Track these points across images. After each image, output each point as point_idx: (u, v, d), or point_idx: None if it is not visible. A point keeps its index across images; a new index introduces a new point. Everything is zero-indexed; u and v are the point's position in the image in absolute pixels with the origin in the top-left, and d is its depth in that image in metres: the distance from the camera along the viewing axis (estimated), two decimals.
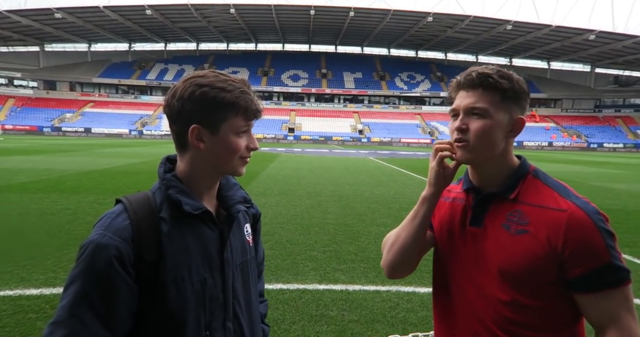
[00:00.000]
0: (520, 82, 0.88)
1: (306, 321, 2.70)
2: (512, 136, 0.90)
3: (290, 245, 4.56)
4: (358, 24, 52.19)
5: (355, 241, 4.80)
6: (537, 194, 0.86)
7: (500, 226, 0.87)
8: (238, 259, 0.91)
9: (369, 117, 56.28)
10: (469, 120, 0.87)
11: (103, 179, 9.74)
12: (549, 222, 0.81)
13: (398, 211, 6.78)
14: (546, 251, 0.80)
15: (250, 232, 0.98)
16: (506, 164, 0.91)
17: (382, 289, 3.33)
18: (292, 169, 13.57)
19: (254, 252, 0.99)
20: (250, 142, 0.87)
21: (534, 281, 0.82)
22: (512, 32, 49.36)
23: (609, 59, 56.35)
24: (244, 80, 0.86)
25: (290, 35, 61.41)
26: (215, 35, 60.24)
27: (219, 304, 0.85)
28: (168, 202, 0.83)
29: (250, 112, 0.85)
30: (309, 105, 59.03)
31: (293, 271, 3.71)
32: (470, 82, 0.88)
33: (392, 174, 13.16)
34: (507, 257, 0.84)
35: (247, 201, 0.99)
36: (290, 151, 26.45)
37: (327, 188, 9.23)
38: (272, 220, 5.80)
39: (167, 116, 0.84)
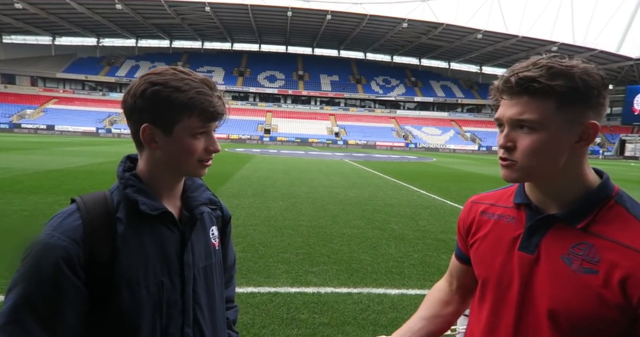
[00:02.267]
0: (585, 76, 0.67)
1: (276, 325, 2.66)
2: (581, 146, 0.70)
3: (263, 247, 4.50)
4: (335, 27, 52.65)
5: (329, 243, 4.80)
6: (618, 227, 0.68)
7: (559, 257, 0.71)
8: (201, 262, 0.87)
9: (345, 119, 56.77)
10: (516, 136, 0.70)
11: (65, 178, 9.25)
12: (629, 266, 0.64)
13: (371, 212, 6.84)
14: (617, 299, 0.64)
15: (217, 235, 0.94)
16: (577, 182, 0.73)
17: (353, 291, 3.33)
18: (267, 171, 13.44)
19: (219, 255, 0.95)
20: (210, 144, 0.83)
21: (595, 331, 0.67)
22: (482, 41, 51.39)
23: None
24: (206, 80, 0.82)
25: (267, 36, 61.05)
26: (190, 33, 58.94)
27: (177, 309, 0.81)
28: (125, 202, 0.80)
29: (208, 114, 0.80)
30: (286, 107, 58.82)
31: (265, 273, 3.66)
32: (510, 89, 0.70)
33: (367, 176, 13.30)
34: (563, 298, 0.69)
35: (213, 203, 0.95)
36: (265, 152, 26.22)
37: (301, 190, 9.20)
38: (245, 222, 5.70)
39: (124, 113, 0.82)
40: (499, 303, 0.79)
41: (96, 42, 59.94)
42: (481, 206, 0.90)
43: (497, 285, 0.79)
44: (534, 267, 0.74)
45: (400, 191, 9.83)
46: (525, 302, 0.74)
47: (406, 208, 7.47)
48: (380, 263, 4.10)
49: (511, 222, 0.80)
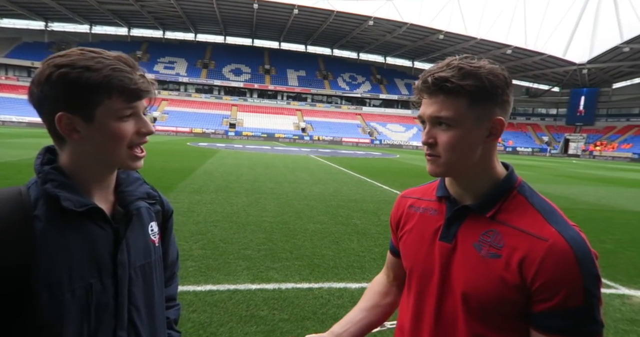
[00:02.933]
0: (492, 76, 0.73)
1: (235, 323, 2.61)
2: (491, 141, 0.77)
3: (224, 244, 4.40)
4: (302, 22, 52.30)
5: (292, 239, 4.79)
6: (518, 215, 0.75)
7: (472, 245, 0.77)
8: (138, 261, 0.82)
9: (312, 115, 56.77)
10: (436, 133, 0.76)
11: (6, 172, 8.51)
12: (526, 249, 0.70)
13: (335, 208, 6.91)
14: (515, 280, 0.70)
15: (156, 231, 0.89)
16: (487, 174, 0.79)
17: (314, 287, 3.35)
18: (231, 166, 13.15)
19: (159, 252, 0.90)
20: (141, 126, 0.76)
21: (499, 311, 0.73)
22: (444, 42, 53.26)
23: (521, 72, 63.57)
24: (121, 56, 0.74)
25: (233, 27, 59.46)
26: (150, 21, 56.05)
27: (109, 312, 0.76)
28: (45, 198, 0.72)
29: (130, 92, 0.72)
30: (252, 101, 57.79)
31: (225, 270, 3.58)
32: (429, 89, 0.75)
33: (332, 172, 13.41)
34: (474, 282, 0.75)
35: (152, 197, 0.90)
36: (230, 147, 25.64)
37: (266, 185, 9.10)
38: (206, 218, 5.55)
39: (33, 107, 0.73)
40: (423, 291, 0.84)
41: (44, 27, 55.41)
42: (409, 200, 0.95)
43: (421, 274, 0.85)
44: (452, 255, 0.80)
45: (364, 187, 10.00)
46: (444, 289, 0.80)
47: (369, 203, 7.61)
48: (342, 258, 4.16)
49: (434, 215, 0.86)
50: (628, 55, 51.12)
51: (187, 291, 3.07)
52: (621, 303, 3.39)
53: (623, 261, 4.66)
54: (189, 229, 4.93)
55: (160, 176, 9.50)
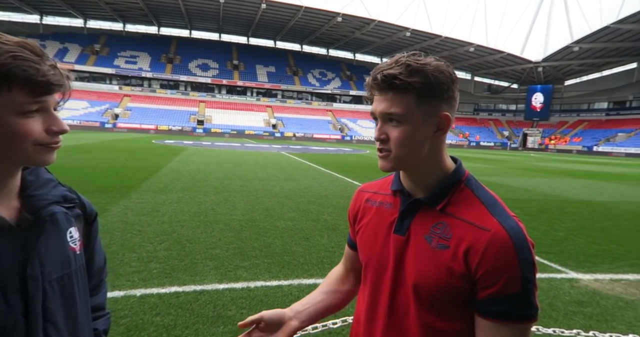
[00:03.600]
0: (438, 73, 0.75)
1: (201, 324, 2.54)
2: (438, 136, 0.79)
3: (190, 244, 4.27)
4: (270, 17, 51.62)
5: (262, 237, 4.73)
6: (465, 207, 0.79)
7: (423, 237, 0.80)
8: (54, 272, 0.73)
9: (283, 112, 56.35)
10: (387, 128, 0.78)
11: None
12: (471, 240, 0.74)
13: (306, 204, 6.90)
14: (461, 268, 0.74)
15: (77, 238, 0.80)
16: (436, 169, 0.82)
17: (284, 284, 3.33)
18: (199, 164, 12.80)
19: (82, 260, 0.82)
20: (52, 124, 0.67)
21: (447, 300, 0.77)
22: (410, 39, 54.43)
23: (483, 69, 66.38)
24: (27, 42, 0.64)
25: (198, 21, 57.70)
26: (108, 13, 53.23)
27: (18, 333, 0.68)
28: None
29: (37, 84, 0.63)
30: (220, 97, 56.46)
31: (191, 271, 3.48)
32: (379, 86, 0.77)
33: (303, 168, 13.38)
34: (424, 272, 0.78)
35: (70, 200, 0.80)
36: (198, 145, 24.95)
37: (235, 183, 8.93)
38: (172, 218, 5.37)
39: None
40: (378, 283, 0.86)
41: None
42: (366, 194, 0.97)
43: (376, 266, 0.87)
44: (405, 247, 0.82)
45: (335, 183, 10.06)
46: (398, 280, 0.82)
47: (340, 199, 7.66)
48: (312, 254, 4.16)
49: (389, 208, 0.88)
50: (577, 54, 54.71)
51: (151, 294, 2.95)
52: (570, 287, 3.62)
53: (573, 247, 4.99)
54: (154, 229, 4.75)
55: (123, 175, 9.09)
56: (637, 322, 2.92)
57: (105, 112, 46.54)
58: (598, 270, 4.12)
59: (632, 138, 49.70)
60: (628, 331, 2.68)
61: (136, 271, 3.40)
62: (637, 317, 3.01)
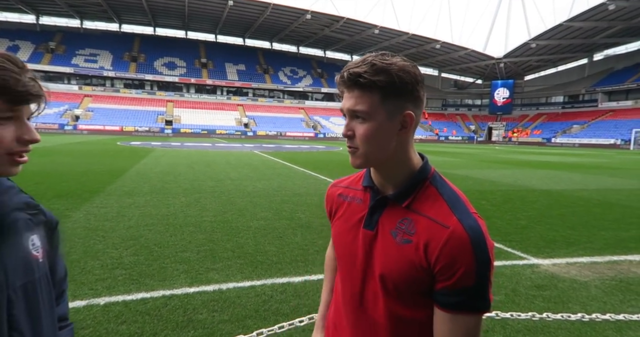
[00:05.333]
0: (402, 73, 0.77)
1: (170, 330, 2.46)
2: (404, 133, 0.82)
3: (159, 248, 4.13)
4: (238, 14, 50.71)
5: (234, 238, 4.64)
6: (429, 204, 0.83)
7: (389, 232, 0.84)
8: (18, 280, 0.73)
9: (254, 110, 55.64)
10: (354, 125, 0.81)
11: None
12: (432, 235, 0.79)
13: (279, 203, 6.84)
14: (422, 262, 0.79)
15: (39, 245, 0.80)
16: (404, 165, 0.85)
17: (257, 284, 3.28)
18: (167, 165, 12.40)
19: (45, 268, 0.81)
20: (23, 133, 0.68)
21: (410, 290, 0.81)
22: (379, 36, 55.22)
23: (450, 65, 68.48)
24: (9, 55, 0.67)
25: (163, 18, 55.75)
26: (63, 8, 50.35)
27: None
28: None
29: (14, 94, 0.65)
30: (189, 97, 54.96)
31: (159, 276, 3.36)
32: (345, 83, 0.80)
33: (276, 167, 13.28)
34: (389, 265, 0.82)
35: (32, 207, 0.81)
36: (167, 145, 24.15)
37: (206, 184, 8.72)
38: (139, 222, 5.16)
39: None
40: (349, 275, 0.91)
41: None
42: (338, 189, 1.02)
43: (348, 259, 0.91)
44: (374, 241, 0.86)
45: (308, 180, 10.05)
46: (367, 272, 0.87)
47: (313, 197, 7.66)
48: (286, 253, 4.13)
49: (360, 204, 0.92)
50: (535, 50, 57.62)
51: (116, 302, 2.82)
52: (531, 272, 3.80)
53: (534, 234, 5.25)
54: (119, 234, 4.55)
55: (84, 179, 8.65)
56: (590, 302, 3.11)
57: (64, 113, 44.08)
58: (556, 255, 4.35)
59: (586, 130, 53.05)
60: (582, 311, 2.85)
61: (100, 278, 3.24)
62: (590, 297, 3.20)
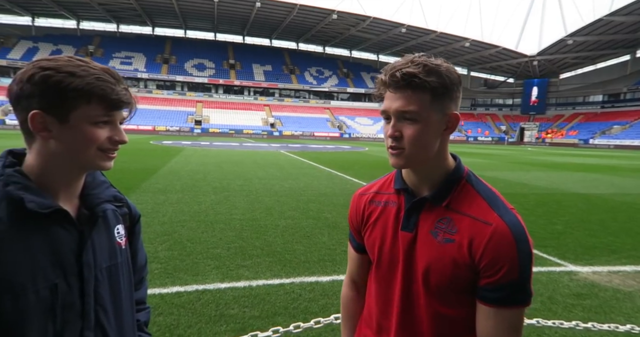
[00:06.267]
0: (449, 74, 0.80)
1: (204, 323, 2.55)
2: (447, 134, 0.84)
3: (191, 244, 4.27)
4: (265, 15, 51.43)
5: (262, 236, 4.73)
6: (467, 202, 0.84)
7: (429, 232, 0.85)
8: (104, 262, 0.83)
9: (280, 110, 56.26)
10: (402, 126, 0.81)
11: None
12: (475, 233, 0.80)
13: (306, 203, 6.90)
14: (466, 260, 0.80)
15: (123, 234, 0.91)
16: (441, 166, 0.87)
17: (286, 282, 3.33)
18: (197, 164, 12.78)
19: (126, 255, 0.91)
20: (115, 134, 0.79)
21: (452, 288, 0.83)
22: (406, 35, 54.34)
23: (479, 64, 66.35)
24: (108, 69, 0.78)
25: (193, 21, 57.44)
26: (101, 13, 52.92)
27: (75, 312, 0.77)
28: (8, 201, 0.73)
29: (110, 101, 0.76)
30: (217, 97, 56.33)
31: (193, 271, 3.48)
32: (396, 84, 0.79)
33: (302, 167, 13.38)
34: (431, 265, 0.83)
35: (119, 200, 0.92)
36: (196, 145, 24.89)
37: (235, 183, 8.93)
38: (172, 218, 5.37)
39: (9, 101, 0.77)
40: (389, 277, 0.92)
41: None
42: (368, 196, 1.00)
43: (388, 263, 0.92)
44: (414, 243, 0.87)
45: (334, 180, 10.07)
46: (409, 274, 0.88)
47: (340, 197, 7.67)
48: (314, 252, 4.16)
49: (394, 207, 0.93)
50: (572, 47, 54.69)
51: (153, 294, 2.95)
52: (569, 279, 3.64)
53: (571, 240, 5.01)
54: (154, 230, 4.75)
55: (120, 177, 9.07)
56: (635, 314, 2.94)
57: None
58: (596, 262, 4.14)
59: (628, 130, 49.86)
60: (626, 322, 2.70)
61: None
62: (635, 309, 3.03)
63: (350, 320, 1.08)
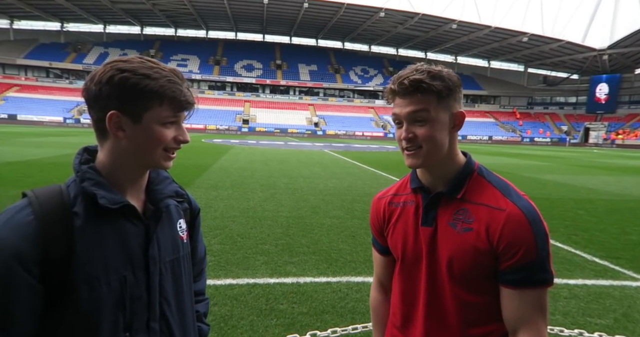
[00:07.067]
0: (450, 77, 0.89)
1: (255, 316, 2.65)
2: (455, 131, 0.92)
3: (242, 239, 4.46)
4: (312, 15, 51.93)
5: (308, 234, 4.81)
6: (481, 193, 0.90)
7: (448, 224, 0.90)
8: (167, 256, 0.86)
9: (324, 110, 56.58)
10: (414, 128, 0.88)
11: (29, 171, 8.80)
12: (490, 219, 0.86)
13: (351, 203, 6.90)
14: (485, 246, 0.85)
15: (185, 228, 0.94)
16: (453, 162, 0.93)
17: (332, 280, 3.37)
18: (245, 162, 13.27)
19: (188, 248, 0.94)
20: (179, 134, 0.82)
21: (476, 275, 0.87)
22: (457, 31, 52.06)
23: (538, 60, 61.70)
24: (175, 70, 0.81)
25: (243, 23, 59.55)
26: (162, 19, 56.66)
27: (142, 304, 0.80)
28: (83, 196, 0.77)
29: (178, 102, 0.79)
30: (264, 97, 57.96)
31: (243, 265, 3.63)
32: (405, 90, 0.87)
33: (346, 166, 13.37)
34: (454, 254, 0.88)
35: (180, 195, 0.94)
36: (244, 143, 25.85)
37: (281, 181, 9.15)
38: (224, 213, 5.63)
39: (85, 101, 0.79)
40: (414, 271, 0.97)
41: (60, 27, 56.75)
42: (387, 198, 1.06)
43: (412, 258, 0.97)
44: (435, 236, 0.93)
45: (379, 181, 9.95)
46: (433, 266, 0.93)
47: None
48: (359, 252, 4.16)
49: (412, 205, 0.98)
50: None
51: (208, 285, 3.08)
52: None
53: None
54: (207, 224, 5.01)
55: (177, 172, 9.67)
56: None
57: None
58: None
59: None
60: None
61: None
62: None
63: (380, 323, 1.12)
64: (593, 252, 4.51)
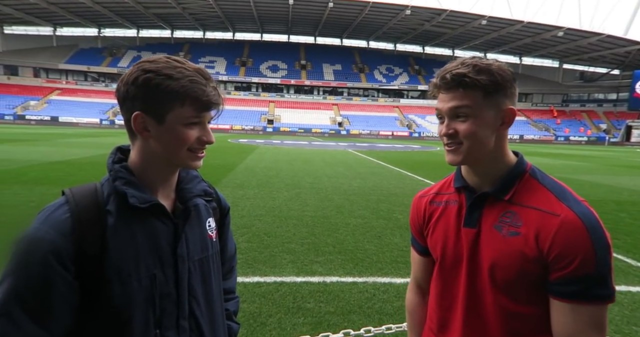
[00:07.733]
0: (501, 72, 0.82)
1: (283, 314, 2.69)
2: (503, 129, 0.85)
3: (268, 237, 4.52)
4: (337, 15, 51.84)
5: (334, 233, 4.82)
6: (532, 195, 0.83)
7: (493, 226, 0.85)
8: (196, 254, 0.86)
9: (348, 109, 56.38)
10: (455, 124, 0.84)
11: (71, 170, 9.32)
12: (541, 225, 0.79)
13: (376, 203, 6.85)
14: (534, 253, 0.78)
15: (214, 227, 0.94)
16: (501, 161, 0.87)
17: (359, 281, 3.36)
18: (270, 161, 13.45)
19: (217, 247, 0.94)
20: (203, 135, 0.81)
21: (521, 283, 0.81)
22: (486, 27, 50.42)
23: (575, 55, 58.71)
24: (200, 69, 0.81)
25: (269, 24, 60.31)
26: (191, 22, 58.35)
27: (171, 302, 0.81)
28: (115, 195, 0.79)
29: (201, 103, 0.78)
30: (288, 97, 58.46)
31: (270, 263, 3.69)
32: (447, 84, 0.83)
33: (371, 166, 13.28)
34: (498, 259, 0.82)
35: (209, 194, 0.95)
36: (269, 143, 26.20)
37: (305, 180, 9.21)
38: (250, 212, 5.73)
39: (117, 102, 0.81)
40: (454, 274, 0.92)
41: (97, 33, 59.61)
42: (428, 197, 1.02)
43: (452, 260, 0.92)
44: (477, 239, 0.87)
45: (404, 181, 9.82)
46: (474, 270, 0.88)
47: (411, 198, 7.33)
48: (385, 252, 4.12)
49: (455, 205, 0.93)
50: None
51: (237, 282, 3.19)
52: None
53: None
54: (235, 222, 5.11)
55: (205, 172, 9.93)
56: None
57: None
58: None
59: None
60: None
61: None
62: None
63: (417, 326, 1.08)
64: (638, 257, 4.26)
